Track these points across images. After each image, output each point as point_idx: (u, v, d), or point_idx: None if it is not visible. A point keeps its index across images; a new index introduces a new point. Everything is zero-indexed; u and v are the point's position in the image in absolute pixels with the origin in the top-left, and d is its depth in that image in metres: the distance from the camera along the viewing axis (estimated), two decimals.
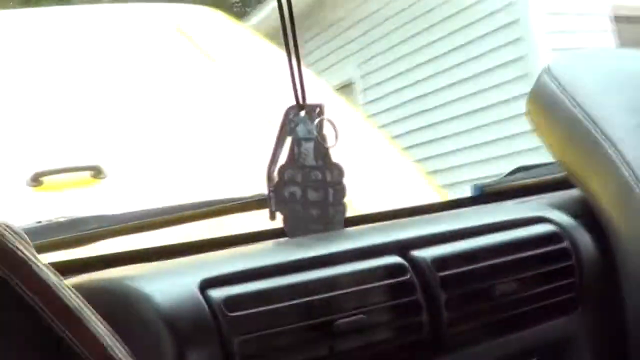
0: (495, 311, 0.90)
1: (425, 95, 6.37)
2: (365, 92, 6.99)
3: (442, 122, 6.23)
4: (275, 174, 1.04)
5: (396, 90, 6.67)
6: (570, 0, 5.54)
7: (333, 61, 7.15)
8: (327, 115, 1.02)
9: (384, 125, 6.27)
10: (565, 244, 0.95)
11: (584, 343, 0.97)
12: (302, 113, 1.02)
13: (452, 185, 4.80)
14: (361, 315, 0.79)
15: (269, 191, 1.02)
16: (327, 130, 1.02)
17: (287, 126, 1.03)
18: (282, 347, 0.76)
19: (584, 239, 0.97)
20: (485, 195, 1.33)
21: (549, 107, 1.17)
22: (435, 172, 5.38)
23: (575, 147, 1.14)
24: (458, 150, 6.13)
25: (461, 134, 6.12)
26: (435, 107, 6.27)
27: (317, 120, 1.01)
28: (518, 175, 1.44)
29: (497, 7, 5.86)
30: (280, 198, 1.02)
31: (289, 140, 1.03)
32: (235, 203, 1.10)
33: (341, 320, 0.78)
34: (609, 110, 1.12)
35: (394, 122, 6.30)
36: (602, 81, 1.19)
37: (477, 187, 1.38)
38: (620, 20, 5.19)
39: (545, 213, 0.99)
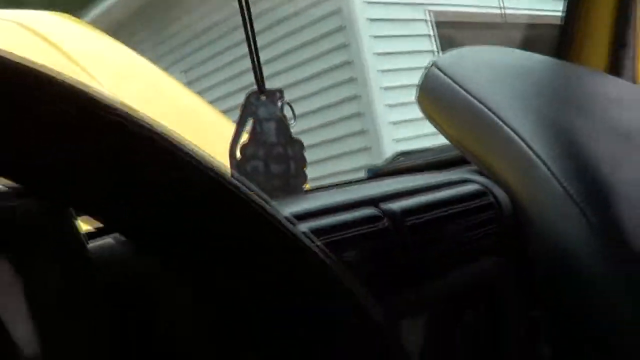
0: (441, 255, 1.10)
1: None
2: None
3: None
4: (238, 152, 1.19)
5: (223, 97, 6.83)
6: (392, 9, 5.91)
7: (163, 66, 7.22)
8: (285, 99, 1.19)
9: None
10: (490, 198, 1.16)
11: (508, 286, 1.18)
12: (263, 97, 1.19)
13: None
14: None
15: (232, 167, 1.18)
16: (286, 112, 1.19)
17: (249, 109, 1.19)
18: None
19: (502, 195, 1.19)
20: (375, 176, 1.53)
21: (443, 97, 1.35)
22: None
23: (472, 130, 1.33)
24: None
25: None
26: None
27: (279, 103, 1.18)
28: (401, 159, 1.65)
29: (324, 14, 6.14)
30: (243, 173, 1.18)
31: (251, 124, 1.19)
32: None
33: None
34: (499, 96, 1.33)
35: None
36: (488, 74, 1.40)
37: (370, 170, 1.57)
38: (440, 25, 5.58)
39: (468, 176, 1.20)
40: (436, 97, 1.38)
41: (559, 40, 1.69)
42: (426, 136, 1.40)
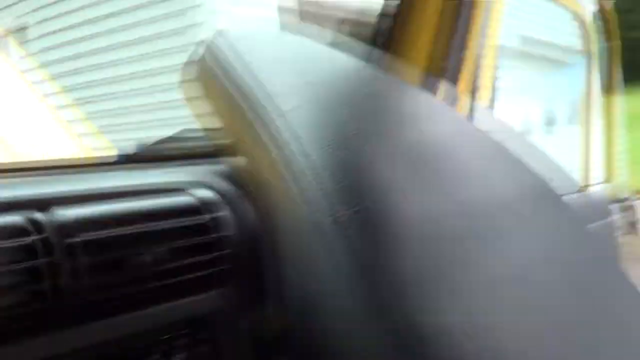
0: (131, 283, 0.83)
1: (102, 51, 6.19)
2: (41, 40, 6.66)
3: (115, 80, 6.11)
4: None
5: (74, 41, 6.42)
6: None
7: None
8: None
9: (59, 75, 6.01)
10: (205, 217, 0.90)
11: (229, 319, 0.93)
12: None
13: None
14: None
15: None
16: None
17: None
18: None
19: (232, 213, 0.93)
20: (135, 158, 1.26)
21: (215, 78, 1.13)
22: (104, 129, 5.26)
23: (241, 117, 1.10)
24: (128, 109, 6.05)
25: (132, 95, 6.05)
26: (110, 65, 6.14)
27: None
28: (169, 143, 1.39)
29: None
30: None
31: None
32: None
33: None
34: (275, 85, 1.11)
35: (69, 73, 6.08)
36: (268, 59, 1.18)
37: (121, 155, 1.31)
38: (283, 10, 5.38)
39: (189, 184, 0.94)
40: (209, 77, 1.14)
41: (377, 30, 1.50)
42: None
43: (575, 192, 2.03)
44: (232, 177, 1.05)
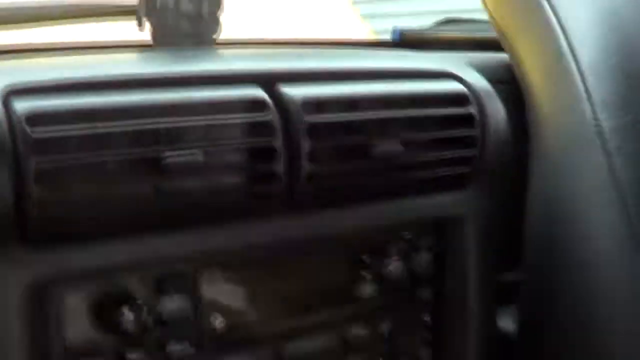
0: (370, 173, 0.75)
1: None
2: None
3: None
4: None
5: None
6: None
7: None
8: None
9: None
10: (471, 108, 0.80)
11: (469, 224, 0.83)
12: None
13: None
14: (194, 152, 0.64)
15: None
16: None
17: None
18: (92, 177, 0.61)
19: (495, 107, 0.83)
20: (404, 41, 1.18)
21: None
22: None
23: (511, 4, 0.98)
24: None
25: None
26: None
27: None
28: (446, 27, 1.28)
29: None
30: (151, 5, 0.86)
31: None
32: (104, 9, 0.93)
33: (170, 155, 0.63)
34: None
35: None
36: None
37: (396, 31, 1.23)
38: None
39: (456, 69, 0.84)
40: None
41: None
42: None
43: None
44: (491, 72, 0.94)
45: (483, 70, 0.93)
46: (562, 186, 0.82)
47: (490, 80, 0.91)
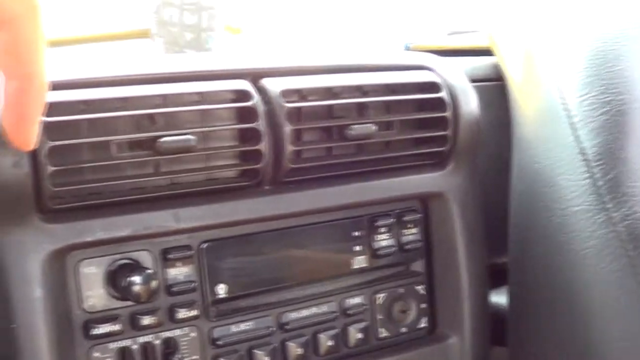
0: (349, 152, 0.85)
1: None
2: None
3: None
4: None
5: None
6: None
7: None
8: None
9: None
10: (442, 94, 0.89)
11: (451, 199, 0.92)
12: None
13: None
14: (188, 136, 0.74)
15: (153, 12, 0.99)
16: None
17: None
18: (99, 157, 0.72)
19: (467, 93, 0.91)
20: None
21: None
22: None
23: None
24: None
25: None
26: None
27: None
28: (451, 38, 1.37)
29: None
30: (161, 21, 0.98)
31: None
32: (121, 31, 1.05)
33: (167, 137, 0.73)
34: None
35: None
36: None
37: (406, 46, 1.32)
38: None
39: (431, 63, 0.93)
40: None
41: None
42: None
43: None
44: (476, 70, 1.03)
45: (475, 69, 1.03)
46: (537, 158, 0.89)
47: (482, 78, 1.02)
